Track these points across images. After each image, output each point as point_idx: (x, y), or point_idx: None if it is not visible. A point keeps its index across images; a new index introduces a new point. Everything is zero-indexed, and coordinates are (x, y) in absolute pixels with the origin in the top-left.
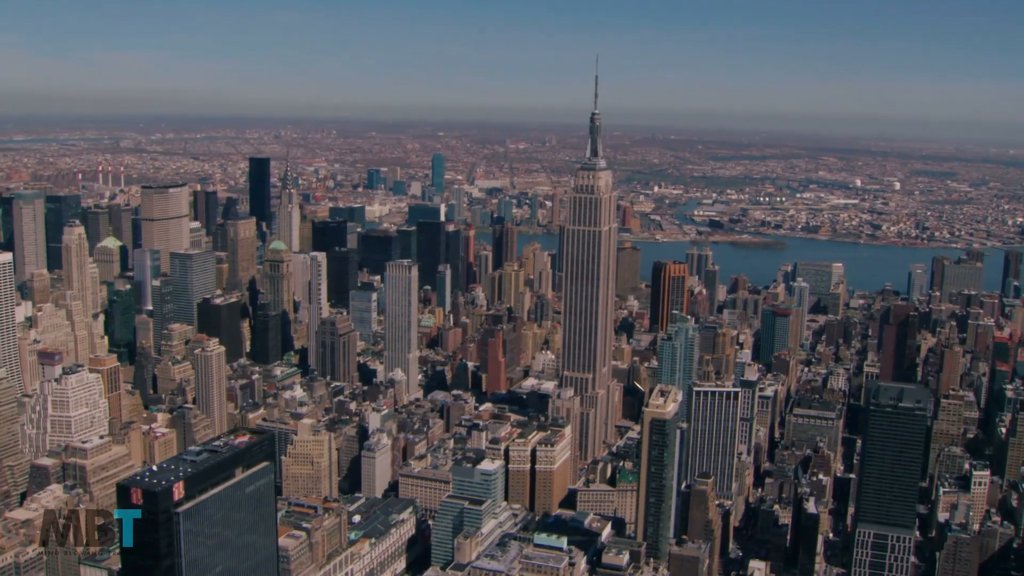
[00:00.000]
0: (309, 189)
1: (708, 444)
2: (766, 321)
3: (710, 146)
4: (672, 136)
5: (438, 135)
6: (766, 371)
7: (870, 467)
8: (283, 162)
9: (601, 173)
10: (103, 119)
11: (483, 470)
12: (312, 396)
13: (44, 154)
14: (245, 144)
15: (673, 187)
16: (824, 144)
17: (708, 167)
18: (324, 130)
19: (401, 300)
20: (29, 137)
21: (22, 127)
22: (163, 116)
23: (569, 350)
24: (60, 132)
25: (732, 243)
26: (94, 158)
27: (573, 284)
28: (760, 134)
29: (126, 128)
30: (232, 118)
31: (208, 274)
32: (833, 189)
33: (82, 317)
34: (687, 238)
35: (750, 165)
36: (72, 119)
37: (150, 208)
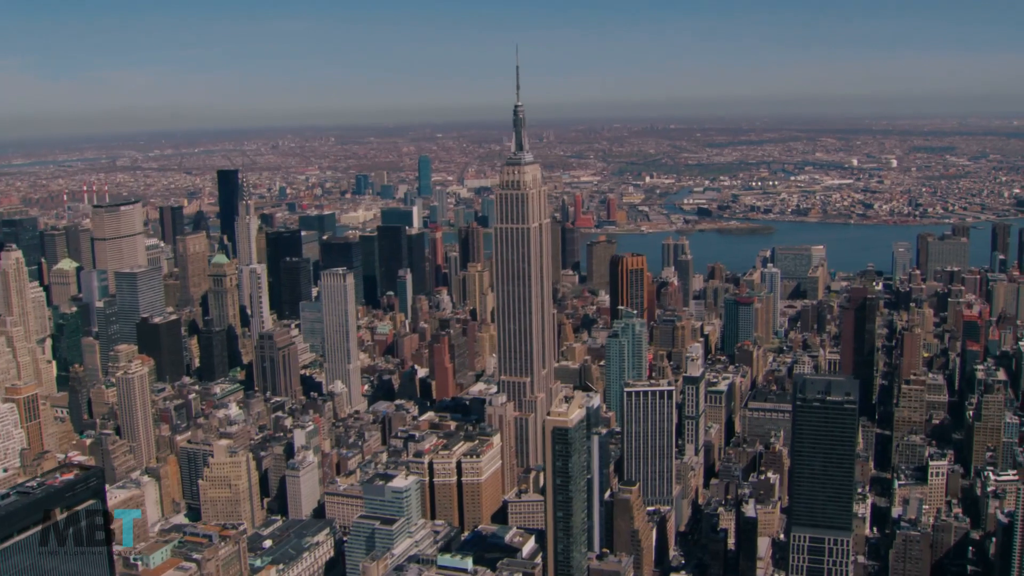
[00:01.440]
0: (296, 198)
1: (644, 447)
2: (729, 311)
3: (709, 133)
4: (672, 125)
5: (436, 137)
6: (728, 363)
7: (800, 467)
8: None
9: (527, 167)
10: (103, 139)
11: (394, 487)
12: (249, 413)
13: (38, 177)
14: (241, 156)
15: (666, 176)
16: (824, 126)
17: (704, 154)
18: (323, 137)
19: (337, 310)
20: (28, 160)
21: (22, 150)
22: (163, 132)
23: (504, 353)
24: (59, 154)
25: (719, 230)
26: (88, 178)
27: (504, 285)
28: (760, 119)
29: (126, 146)
30: (231, 131)
31: (155, 292)
32: (828, 170)
33: (24, 343)
34: (674, 227)
35: (747, 150)
36: (72, 140)
37: (101, 227)
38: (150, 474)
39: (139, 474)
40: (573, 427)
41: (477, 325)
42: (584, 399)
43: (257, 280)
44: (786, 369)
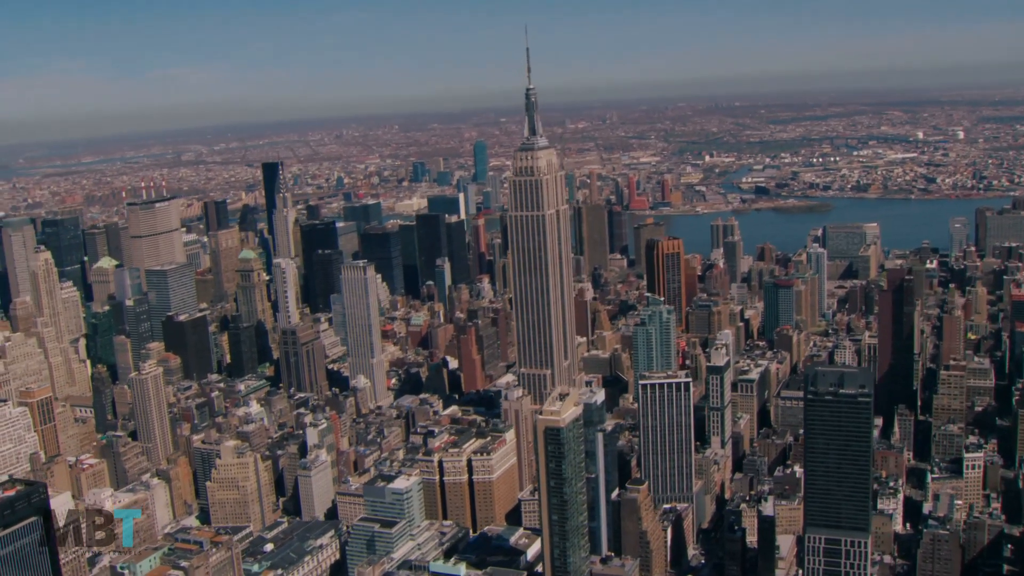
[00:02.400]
0: (353, 187)
1: (661, 441)
2: (769, 294)
3: (773, 110)
4: (737, 103)
5: (499, 121)
6: (767, 349)
7: (813, 465)
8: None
9: (541, 152)
10: (170, 135)
11: (394, 489)
12: (271, 411)
13: (104, 174)
14: (305, 147)
15: (726, 155)
16: (891, 98)
17: (767, 131)
18: (387, 126)
19: (359, 304)
20: (97, 158)
21: (92, 149)
22: (229, 126)
23: (523, 345)
24: (127, 151)
25: (775, 209)
26: (151, 174)
27: (521, 275)
28: (826, 94)
29: (192, 141)
30: (296, 122)
31: (187, 289)
32: (892, 144)
33: (55, 343)
34: (730, 207)
35: (810, 126)
36: (140, 137)
37: (137, 224)
38: (160, 476)
39: (148, 476)
40: (566, 427)
41: (509, 314)
42: (587, 394)
43: (283, 274)
44: (827, 354)
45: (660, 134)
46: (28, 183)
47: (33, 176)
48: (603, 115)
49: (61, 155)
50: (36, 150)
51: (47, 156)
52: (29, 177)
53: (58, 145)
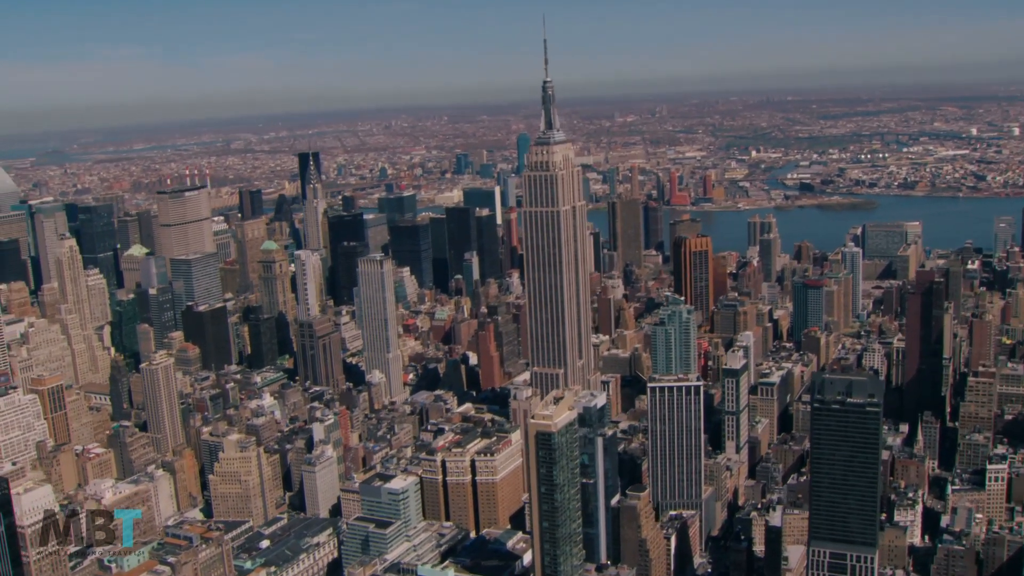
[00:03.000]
0: (396, 178)
1: (670, 446)
2: (798, 294)
3: (825, 105)
4: (789, 97)
5: None
6: (794, 350)
7: (819, 476)
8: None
9: (557, 147)
10: (222, 123)
11: (390, 488)
12: (285, 404)
13: (153, 161)
14: (353, 137)
15: (773, 150)
16: (946, 93)
17: (817, 127)
18: (436, 117)
19: (376, 298)
20: (148, 145)
21: (144, 135)
22: (280, 115)
23: (536, 344)
24: (178, 138)
25: (819, 206)
26: (200, 162)
27: (534, 271)
28: (880, 88)
29: (242, 130)
30: (346, 112)
31: (211, 279)
32: (944, 140)
33: (79, 330)
34: (772, 204)
35: (861, 121)
36: (192, 125)
37: (167, 213)
38: (165, 467)
39: (153, 467)
40: (558, 432)
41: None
42: (587, 397)
43: (303, 266)
44: (855, 357)
45: (708, 128)
46: (79, 169)
47: (85, 162)
48: (653, 108)
49: (114, 141)
50: (90, 136)
51: (100, 142)
52: (81, 163)
53: (112, 131)
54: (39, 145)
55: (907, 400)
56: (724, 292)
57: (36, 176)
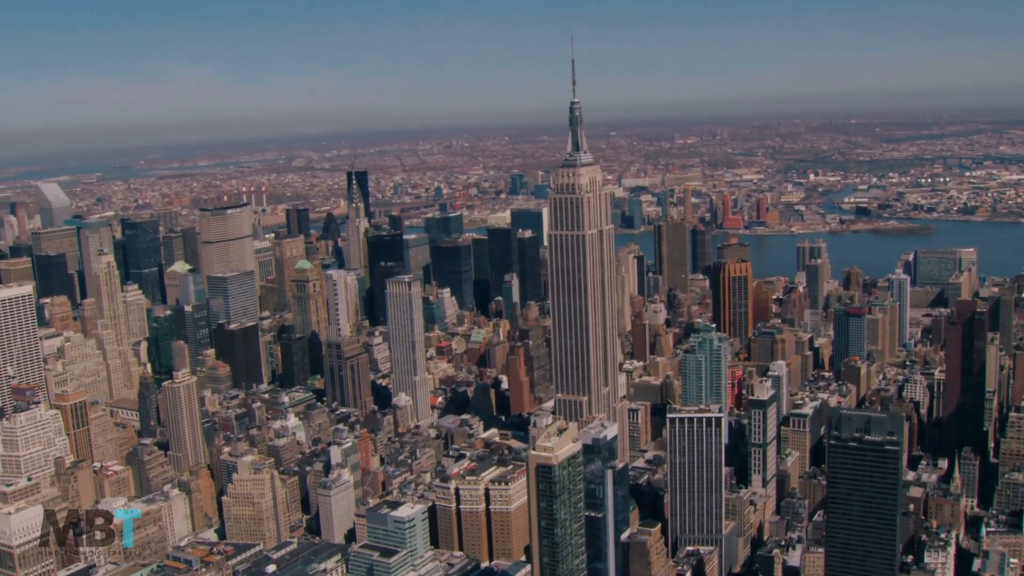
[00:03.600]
0: (451, 198)
1: (689, 479)
2: (839, 322)
3: (888, 128)
4: (852, 120)
5: (609, 135)
6: (833, 380)
7: (835, 517)
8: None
9: (584, 169)
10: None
11: (396, 517)
12: (310, 425)
13: (215, 177)
14: (412, 156)
15: (832, 174)
16: (1015, 116)
17: (878, 150)
18: (497, 137)
19: (404, 319)
20: (212, 162)
21: (209, 152)
22: (342, 133)
23: (559, 370)
24: (242, 155)
25: (874, 231)
26: (259, 179)
27: (559, 296)
28: (946, 111)
29: (305, 147)
30: (407, 131)
31: (248, 296)
32: (1009, 164)
33: (114, 346)
34: (827, 228)
35: (924, 145)
36: (256, 142)
37: (208, 230)
38: (181, 487)
39: (169, 487)
40: (559, 464)
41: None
42: (597, 428)
43: (334, 286)
44: (896, 389)
45: (768, 151)
46: (142, 184)
47: (149, 178)
48: (714, 130)
49: (179, 157)
50: (157, 152)
51: (166, 159)
52: (145, 178)
53: (178, 148)
54: (108, 161)
55: (946, 435)
56: (766, 319)
57: (101, 191)
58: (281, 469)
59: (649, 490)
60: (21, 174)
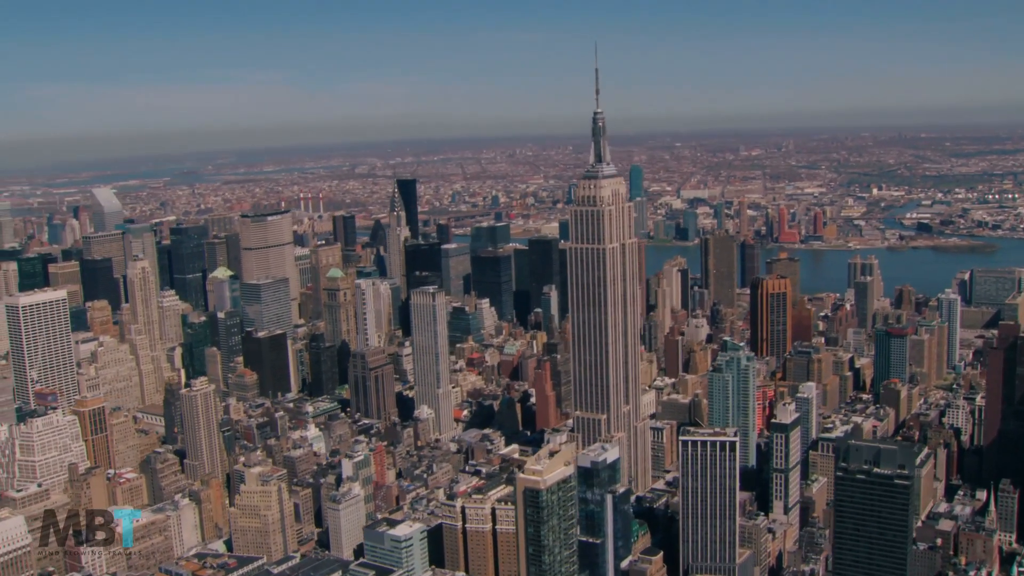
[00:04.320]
0: (507, 208)
1: (702, 505)
2: (880, 343)
3: (959, 142)
4: (923, 135)
5: (674, 146)
6: (872, 402)
7: (842, 553)
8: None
9: (606, 181)
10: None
11: (393, 535)
12: (330, 436)
13: (278, 183)
14: (475, 164)
15: (896, 188)
16: None
17: (947, 165)
18: (561, 146)
19: (427, 331)
20: (277, 167)
21: (275, 158)
22: (408, 141)
23: (579, 387)
24: (307, 161)
25: (934, 248)
26: (321, 185)
27: (579, 311)
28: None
29: (370, 154)
30: (472, 139)
31: (282, 304)
32: None
33: (147, 351)
34: (885, 244)
35: (995, 160)
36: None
37: (248, 237)
38: (191, 497)
39: (180, 496)
40: (546, 489)
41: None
42: (596, 451)
43: (363, 295)
44: (937, 413)
45: (832, 164)
46: (207, 189)
47: (214, 182)
48: (779, 142)
49: (247, 163)
50: (226, 157)
51: (233, 164)
52: (211, 183)
53: (246, 153)
54: (178, 165)
55: (986, 464)
56: (808, 337)
57: (166, 196)
58: (296, 481)
59: (664, 514)
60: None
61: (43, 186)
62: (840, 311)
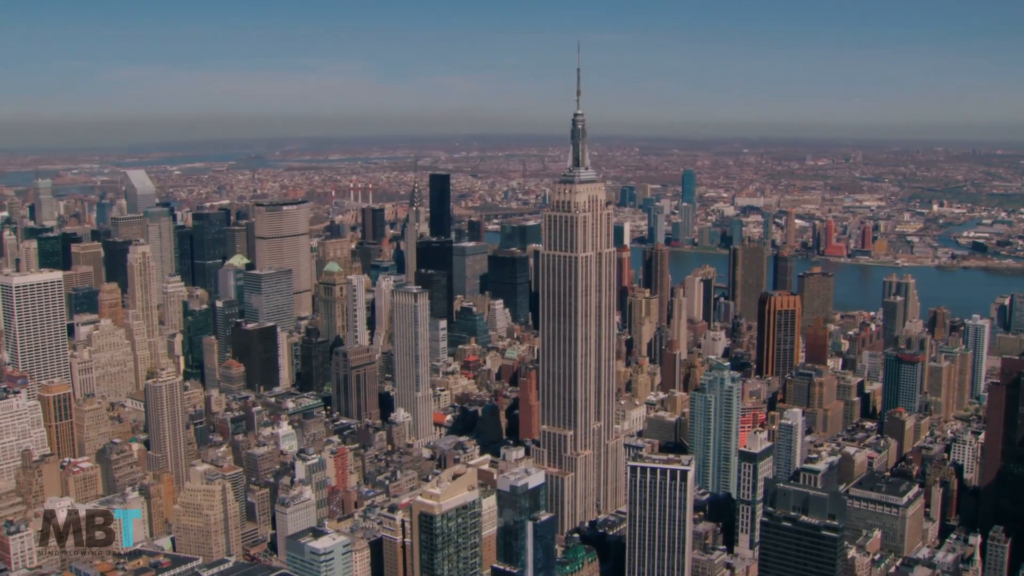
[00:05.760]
0: None
1: (650, 536)
2: (889, 369)
3: None
4: (999, 151)
5: (741, 152)
6: (875, 431)
7: None
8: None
9: (582, 187)
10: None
11: (313, 547)
12: (304, 434)
13: (338, 172)
14: (537, 162)
15: (958, 205)
16: None
17: (1017, 183)
18: (628, 147)
19: (407, 332)
20: (344, 156)
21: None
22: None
23: (546, 400)
24: (374, 151)
25: (986, 268)
26: (379, 176)
27: (549, 321)
28: None
29: (437, 147)
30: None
31: (283, 295)
32: None
33: (144, 336)
34: (935, 262)
35: None
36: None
37: (263, 226)
38: (141, 491)
39: (130, 489)
40: (442, 515)
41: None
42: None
43: (353, 292)
44: (942, 447)
45: (897, 178)
46: (267, 175)
47: (277, 168)
48: (848, 153)
49: (313, 150)
50: (295, 144)
51: (301, 151)
52: (273, 169)
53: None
54: (245, 150)
55: (983, 506)
56: (822, 358)
57: (225, 179)
58: (254, 480)
59: (617, 542)
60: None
61: (112, 164)
62: (864, 331)
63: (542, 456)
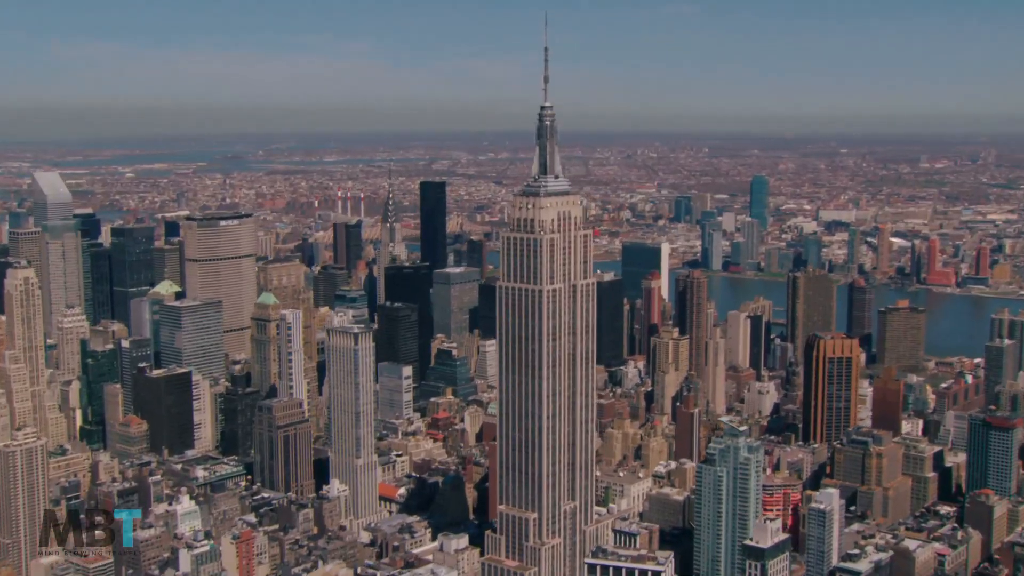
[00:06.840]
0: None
1: None
2: (975, 437)
3: None
4: None
5: (839, 152)
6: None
7: None
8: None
9: (550, 200)
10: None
11: None
12: (211, 512)
13: (332, 176)
14: (579, 165)
15: None
16: None
17: None
18: (695, 147)
19: (346, 382)
20: (341, 157)
21: (343, 145)
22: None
23: (505, 474)
24: (380, 151)
25: None
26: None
27: (507, 373)
28: None
29: (458, 147)
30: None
31: (211, 334)
32: None
33: (24, 384)
34: None
35: None
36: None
37: (193, 245)
38: None
39: None
40: None
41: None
42: None
43: (288, 330)
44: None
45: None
46: (243, 179)
47: (256, 171)
48: (976, 152)
49: (306, 149)
50: (284, 142)
51: (289, 150)
52: (252, 172)
53: (309, 138)
54: (222, 148)
55: None
56: (894, 419)
57: (188, 185)
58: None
59: None
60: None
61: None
62: (957, 385)
63: (498, 545)
